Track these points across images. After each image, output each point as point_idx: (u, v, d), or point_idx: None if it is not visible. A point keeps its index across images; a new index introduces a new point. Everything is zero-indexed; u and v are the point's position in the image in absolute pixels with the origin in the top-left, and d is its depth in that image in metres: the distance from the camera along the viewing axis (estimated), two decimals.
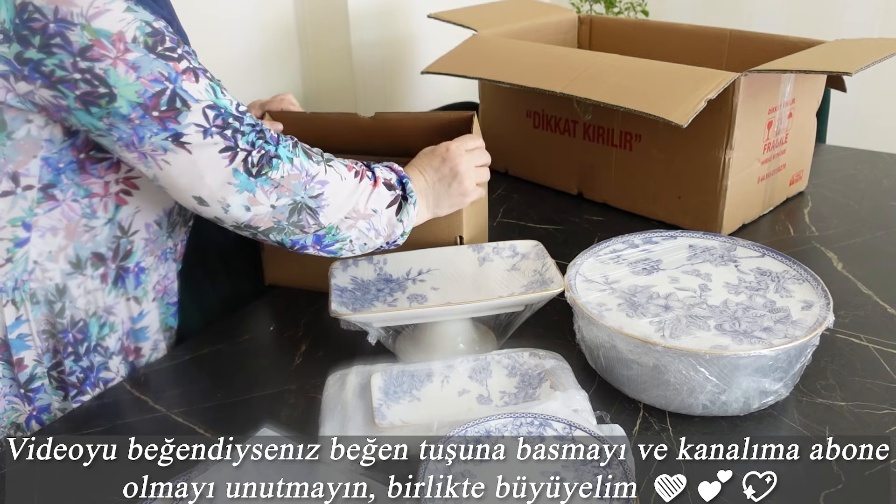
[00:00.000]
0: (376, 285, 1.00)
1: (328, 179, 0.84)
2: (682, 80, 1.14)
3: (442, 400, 0.85)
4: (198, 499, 0.71)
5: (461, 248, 1.04)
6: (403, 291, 1.00)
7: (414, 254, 1.03)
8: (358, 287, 0.99)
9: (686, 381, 0.81)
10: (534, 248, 1.02)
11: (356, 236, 0.88)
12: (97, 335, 0.93)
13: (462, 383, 0.87)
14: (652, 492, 0.74)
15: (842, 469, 0.77)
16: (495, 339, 0.99)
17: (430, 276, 1.02)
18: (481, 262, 1.03)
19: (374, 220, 0.88)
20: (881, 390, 0.89)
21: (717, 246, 1.03)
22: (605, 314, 0.88)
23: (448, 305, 0.92)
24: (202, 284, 1.13)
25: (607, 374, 0.90)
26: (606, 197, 1.42)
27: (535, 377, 0.86)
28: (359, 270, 1.01)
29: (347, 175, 0.86)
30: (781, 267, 0.97)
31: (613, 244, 1.03)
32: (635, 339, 0.82)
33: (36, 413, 0.92)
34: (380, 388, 0.84)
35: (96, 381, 0.94)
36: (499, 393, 0.86)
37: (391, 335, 0.98)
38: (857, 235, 1.28)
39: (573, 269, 0.97)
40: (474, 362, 0.88)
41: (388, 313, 0.92)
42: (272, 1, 1.93)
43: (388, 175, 0.91)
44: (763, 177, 1.31)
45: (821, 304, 0.88)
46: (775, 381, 0.82)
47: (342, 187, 0.85)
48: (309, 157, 0.84)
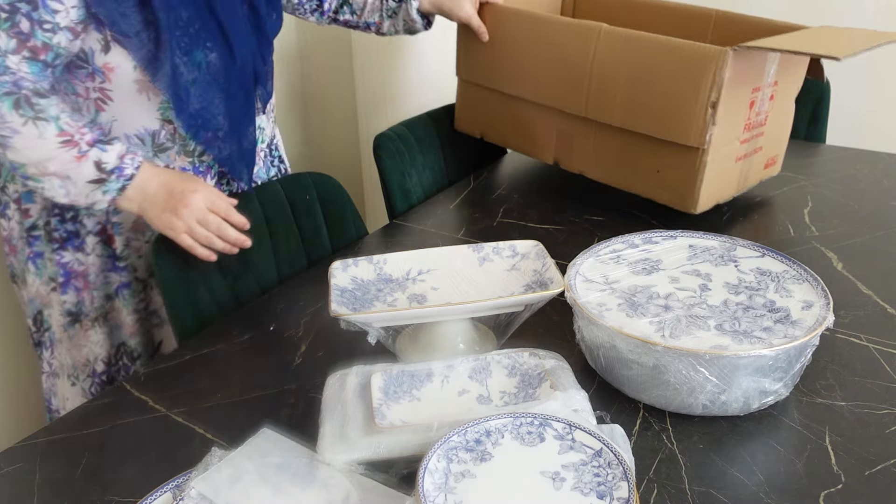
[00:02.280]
0: (376, 285, 1.00)
1: (21, 131, 0.95)
2: None
3: (442, 400, 0.85)
4: (198, 499, 0.71)
5: (461, 247, 1.04)
6: (403, 291, 1.00)
7: (413, 253, 1.03)
8: (358, 287, 0.99)
9: (686, 381, 0.81)
10: (534, 248, 1.01)
11: (48, 187, 0.99)
12: (82, 211, 1.13)
13: (462, 383, 0.87)
14: (652, 491, 0.74)
15: (842, 469, 0.77)
16: (495, 339, 0.99)
17: (429, 275, 1.02)
18: (481, 262, 1.03)
19: (66, 184, 0.99)
20: (881, 390, 0.89)
21: (716, 246, 1.03)
22: (605, 314, 0.88)
23: (448, 305, 0.91)
24: (195, 284, 1.14)
25: (607, 374, 0.90)
26: (583, 167, 1.42)
27: (535, 377, 0.85)
28: (359, 270, 1.01)
29: (51, 137, 0.96)
30: (781, 267, 0.97)
31: (613, 244, 1.03)
32: (635, 339, 0.82)
33: (32, 256, 1.17)
34: (380, 388, 0.83)
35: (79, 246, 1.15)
36: (499, 393, 0.85)
37: (391, 335, 0.97)
38: (857, 235, 1.28)
39: (573, 269, 0.97)
40: (474, 362, 0.88)
41: (387, 313, 0.91)
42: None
43: (109, 159, 1.00)
44: (741, 157, 1.31)
45: (821, 304, 0.88)
46: (775, 381, 0.82)
47: (34, 144, 0.96)
48: (16, 107, 0.94)
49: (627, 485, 0.67)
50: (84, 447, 0.83)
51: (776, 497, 0.73)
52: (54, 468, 0.81)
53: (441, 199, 1.50)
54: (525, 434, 0.74)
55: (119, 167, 1.00)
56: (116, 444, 0.83)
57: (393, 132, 1.62)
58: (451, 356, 0.90)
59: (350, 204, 1.39)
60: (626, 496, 0.66)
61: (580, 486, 0.68)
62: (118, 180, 1.00)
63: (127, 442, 0.84)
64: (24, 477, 0.79)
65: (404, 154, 1.59)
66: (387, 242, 1.34)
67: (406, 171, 1.58)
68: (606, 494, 0.67)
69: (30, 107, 0.96)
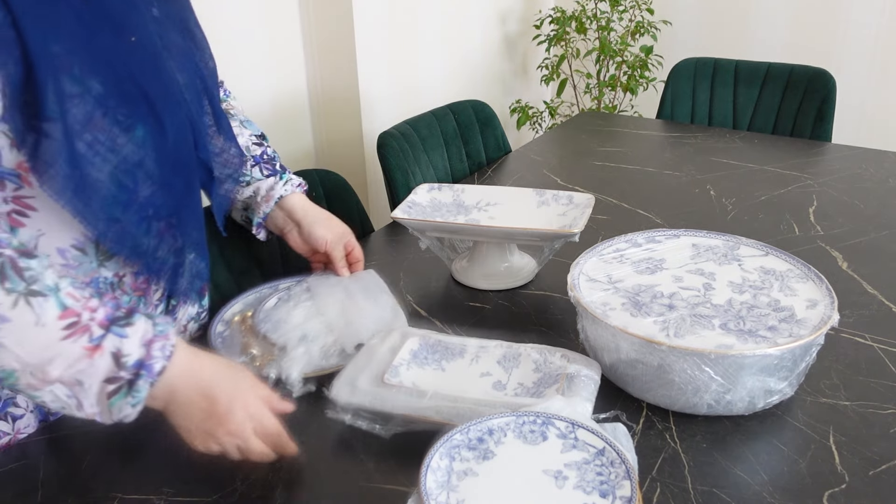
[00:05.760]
0: (447, 207, 1.19)
1: (10, 318, 0.64)
2: None
3: (463, 377, 0.88)
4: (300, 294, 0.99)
5: (527, 190, 1.21)
6: (467, 214, 1.18)
7: (488, 188, 1.23)
8: (431, 205, 1.19)
9: (691, 381, 0.81)
10: (586, 200, 1.16)
11: (50, 399, 0.69)
12: None
13: (489, 366, 0.90)
14: (655, 491, 0.74)
15: (845, 469, 0.77)
16: (536, 266, 1.17)
17: (493, 208, 1.19)
18: (539, 206, 1.18)
19: (77, 391, 0.68)
20: (885, 390, 0.88)
21: (720, 245, 1.02)
22: (609, 314, 0.88)
23: (476, 225, 1.09)
24: None
25: (611, 373, 0.89)
26: None
27: (553, 378, 0.86)
28: (441, 194, 1.22)
29: (52, 322, 0.66)
30: (785, 266, 0.96)
31: (616, 243, 1.03)
32: (640, 339, 0.82)
33: None
34: (410, 351, 0.90)
35: (3, 415, 0.83)
36: (516, 383, 0.87)
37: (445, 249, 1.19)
38: (863, 234, 1.28)
39: (577, 269, 0.97)
40: (507, 349, 0.91)
41: (433, 223, 1.12)
42: None
43: (131, 349, 0.69)
44: None
45: (825, 303, 0.87)
46: (780, 381, 0.81)
47: (29, 334, 0.65)
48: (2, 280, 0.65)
49: (630, 483, 0.67)
50: (88, 444, 0.84)
51: (780, 497, 0.73)
52: (58, 465, 0.81)
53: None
54: (528, 432, 0.74)
55: (143, 360, 0.70)
56: (120, 441, 0.83)
57: (397, 130, 1.62)
58: (494, 276, 1.14)
59: (356, 200, 1.39)
60: (628, 495, 0.66)
61: (582, 485, 0.68)
62: (146, 379, 0.70)
63: (130, 439, 0.84)
64: (28, 473, 0.79)
65: (408, 152, 1.59)
66: (391, 241, 1.34)
67: (410, 170, 1.58)
68: (609, 493, 0.67)
69: (17, 275, 0.66)
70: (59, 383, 0.68)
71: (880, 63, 2.70)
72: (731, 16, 2.91)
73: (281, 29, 2.00)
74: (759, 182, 1.54)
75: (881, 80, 2.67)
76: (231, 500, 0.75)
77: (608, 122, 2.03)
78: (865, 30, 2.62)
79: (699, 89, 2.14)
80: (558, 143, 1.88)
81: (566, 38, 2.87)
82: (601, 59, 2.86)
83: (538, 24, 2.90)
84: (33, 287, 0.66)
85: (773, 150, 1.74)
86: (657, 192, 1.51)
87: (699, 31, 2.98)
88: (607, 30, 2.85)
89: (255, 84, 1.95)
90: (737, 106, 2.11)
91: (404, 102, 2.32)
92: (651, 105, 2.66)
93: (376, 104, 2.19)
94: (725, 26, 2.92)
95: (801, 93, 1.99)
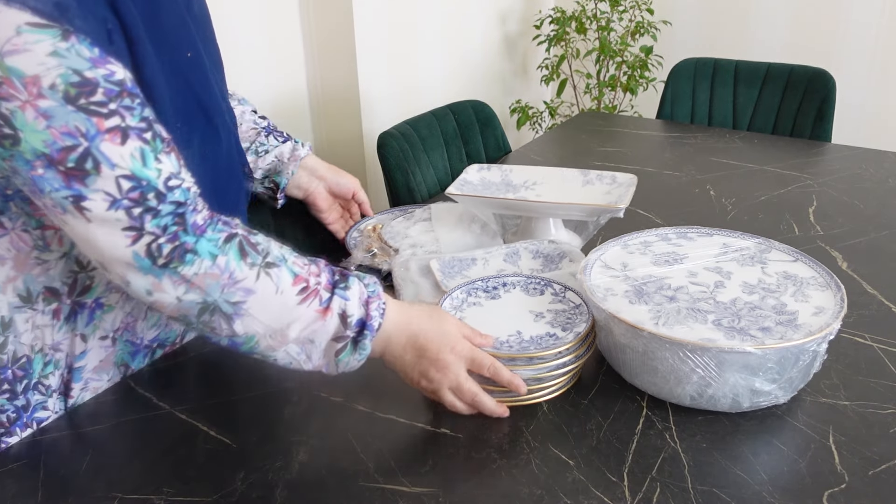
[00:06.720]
0: (497, 185, 1.26)
1: (255, 289, 0.73)
2: None
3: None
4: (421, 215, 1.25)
5: (573, 170, 1.27)
6: (514, 192, 1.24)
7: (534, 168, 1.30)
8: (481, 184, 1.27)
9: (672, 370, 0.82)
10: (629, 180, 1.21)
11: (282, 357, 0.78)
12: (40, 373, 0.84)
13: (499, 265, 1.10)
14: (655, 490, 0.74)
15: (845, 469, 0.77)
16: (580, 243, 1.21)
17: (540, 186, 1.26)
18: (583, 185, 1.24)
19: (308, 347, 0.77)
20: (885, 390, 0.89)
21: (751, 246, 1.02)
22: (608, 298, 0.90)
23: (526, 200, 1.17)
24: None
25: (608, 356, 0.92)
26: None
27: (555, 257, 1.10)
28: (490, 174, 1.29)
29: (288, 289, 0.75)
30: (810, 273, 0.95)
31: (646, 236, 1.04)
32: (625, 324, 0.83)
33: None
34: (438, 269, 1.07)
35: (29, 422, 0.85)
36: (528, 269, 1.09)
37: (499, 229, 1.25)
38: (863, 234, 1.28)
39: (595, 254, 0.99)
40: (506, 250, 1.12)
41: (487, 198, 1.18)
42: None
43: (353, 310, 0.78)
44: None
45: (831, 312, 0.85)
46: (768, 382, 0.81)
47: (272, 302, 0.74)
48: (243, 256, 0.73)
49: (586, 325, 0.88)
50: (88, 444, 0.84)
51: (779, 496, 0.73)
52: (59, 465, 0.81)
53: (445, 198, 1.50)
54: (531, 289, 0.99)
55: (364, 320, 0.78)
56: (120, 441, 0.84)
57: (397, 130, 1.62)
58: None
59: None
60: (581, 330, 0.88)
61: (552, 322, 0.92)
62: (369, 338, 0.78)
63: (131, 439, 0.84)
64: (29, 473, 0.79)
65: (408, 152, 1.59)
66: None
67: (410, 170, 1.58)
68: (570, 329, 0.90)
69: (254, 250, 0.74)
70: (294, 343, 0.76)
71: (880, 63, 2.70)
72: (731, 16, 2.91)
73: (281, 29, 2.00)
74: (759, 182, 1.54)
75: (881, 80, 2.66)
76: (231, 500, 0.75)
77: (608, 123, 2.03)
78: (865, 30, 2.62)
79: (699, 89, 2.14)
80: (558, 143, 1.88)
81: (566, 38, 2.87)
82: (601, 60, 2.86)
83: (538, 25, 2.90)
84: (268, 259, 0.75)
85: (773, 150, 1.74)
86: (657, 192, 1.51)
87: (699, 31, 2.99)
88: (607, 30, 2.85)
89: (254, 84, 1.95)
90: (737, 106, 2.11)
91: (404, 102, 2.32)
92: (651, 105, 2.66)
93: (376, 104, 2.19)
94: (725, 26, 2.93)
95: (800, 93, 1.99)
